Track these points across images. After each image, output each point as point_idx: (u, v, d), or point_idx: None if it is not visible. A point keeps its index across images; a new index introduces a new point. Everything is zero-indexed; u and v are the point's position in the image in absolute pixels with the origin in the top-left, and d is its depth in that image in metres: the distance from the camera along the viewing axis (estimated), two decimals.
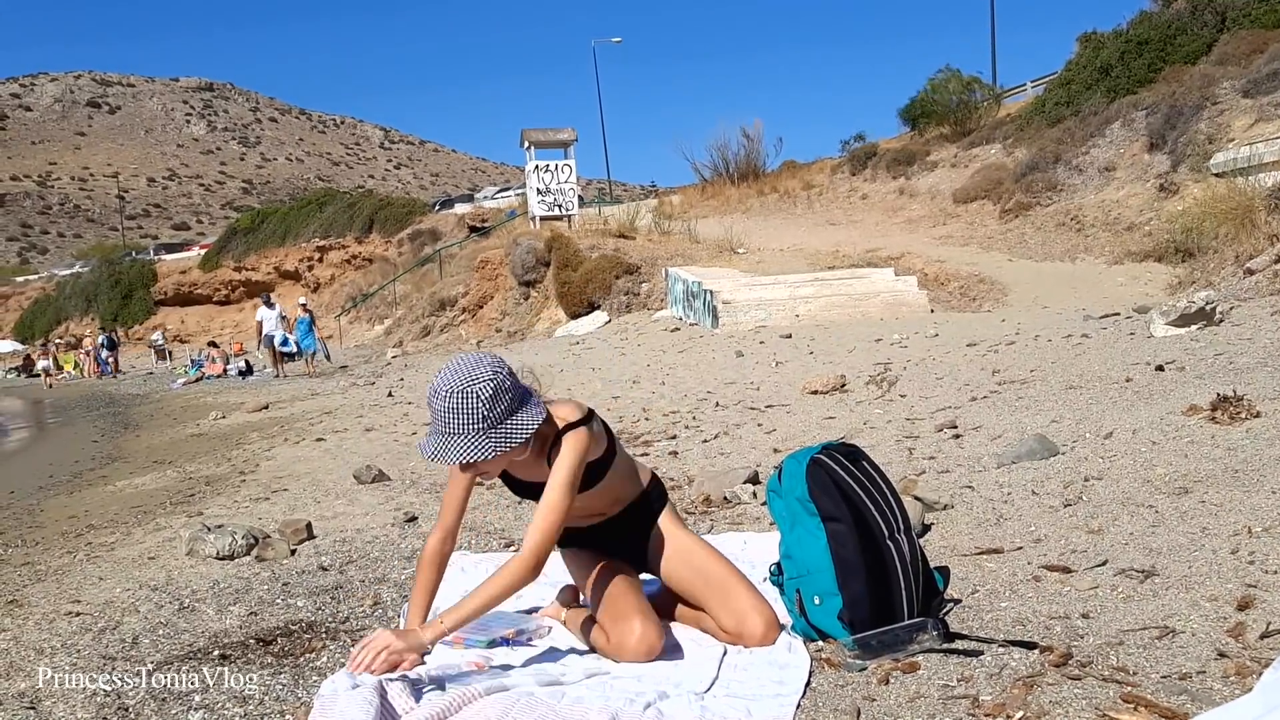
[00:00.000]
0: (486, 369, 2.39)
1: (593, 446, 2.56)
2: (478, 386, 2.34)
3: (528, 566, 2.44)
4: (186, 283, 49.03)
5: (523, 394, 2.45)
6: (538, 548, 2.44)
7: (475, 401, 2.34)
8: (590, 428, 2.55)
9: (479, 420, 2.35)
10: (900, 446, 5.00)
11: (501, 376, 2.39)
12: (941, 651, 2.38)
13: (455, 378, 2.37)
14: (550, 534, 2.47)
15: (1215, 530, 3.00)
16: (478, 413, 2.34)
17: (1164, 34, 20.74)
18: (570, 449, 2.49)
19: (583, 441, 2.51)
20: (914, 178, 23.81)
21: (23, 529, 5.92)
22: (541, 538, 2.45)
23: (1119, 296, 12.18)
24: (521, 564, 2.44)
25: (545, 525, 2.46)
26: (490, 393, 2.35)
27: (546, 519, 2.46)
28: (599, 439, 2.60)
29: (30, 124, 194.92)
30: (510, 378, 2.43)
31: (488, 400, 2.34)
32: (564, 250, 19.70)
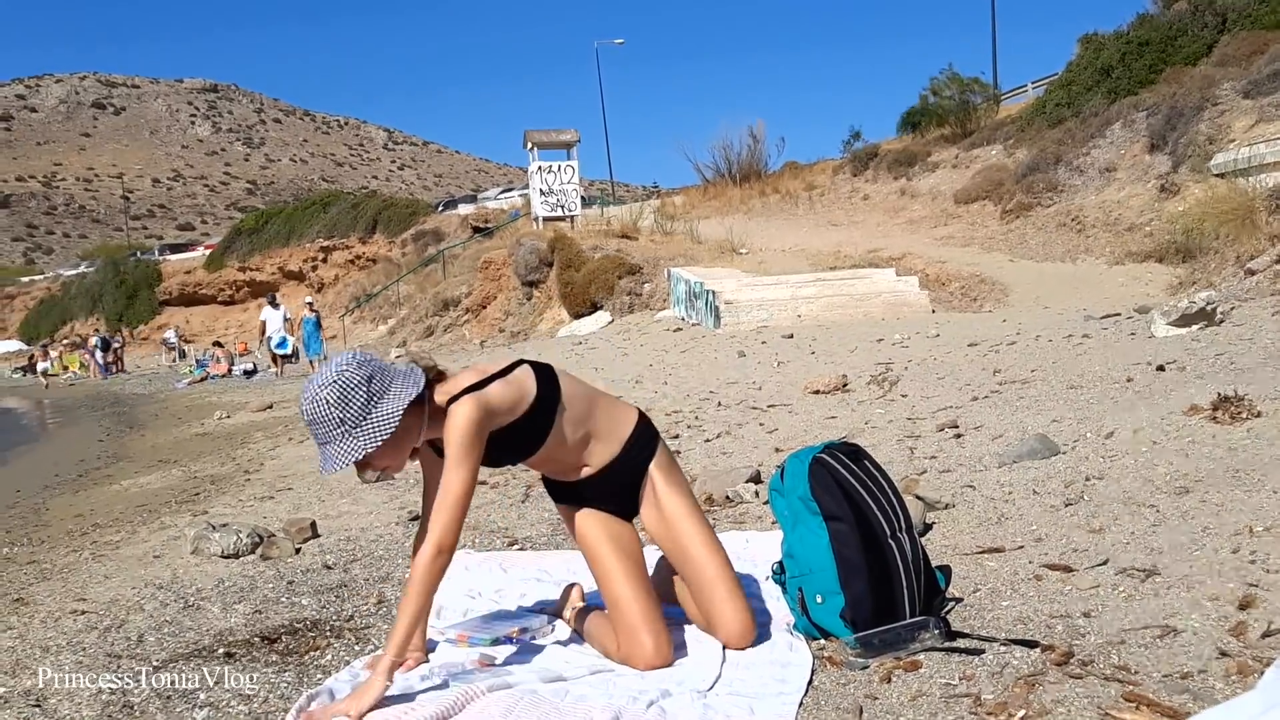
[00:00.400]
0: (332, 372, 2.34)
1: (494, 410, 2.41)
2: (323, 394, 2.31)
3: (429, 559, 2.31)
4: (191, 283, 49.06)
5: (388, 381, 2.35)
6: (439, 538, 2.32)
7: (325, 409, 2.30)
8: (485, 392, 2.41)
9: (336, 425, 2.31)
10: (902, 446, 5.01)
11: (348, 374, 2.32)
12: (943, 650, 2.39)
13: (306, 392, 2.36)
14: (450, 518, 2.33)
15: (1216, 530, 3.00)
16: (331, 418, 2.30)
17: (1165, 35, 20.73)
18: (451, 424, 2.37)
19: (467, 411, 2.36)
20: (915, 179, 23.80)
21: (29, 527, 5.94)
22: (441, 526, 2.32)
23: (1120, 297, 12.18)
24: (424, 561, 2.32)
25: (442, 509, 2.33)
26: (336, 395, 2.30)
27: (443, 502, 2.34)
28: (506, 399, 2.44)
29: (35, 125, 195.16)
30: (362, 370, 2.34)
31: (336, 403, 2.30)
32: (567, 251, 19.71)
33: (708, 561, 2.61)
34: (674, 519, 2.64)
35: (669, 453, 2.75)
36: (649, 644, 2.50)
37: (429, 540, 2.33)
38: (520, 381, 2.50)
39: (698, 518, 2.67)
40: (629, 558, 2.62)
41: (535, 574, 3.39)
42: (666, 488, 2.67)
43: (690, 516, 2.66)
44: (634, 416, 2.72)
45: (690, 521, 2.65)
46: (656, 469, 2.69)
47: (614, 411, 2.69)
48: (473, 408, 2.38)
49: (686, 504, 2.67)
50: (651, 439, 2.71)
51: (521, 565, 3.53)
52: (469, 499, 2.37)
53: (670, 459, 2.74)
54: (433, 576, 2.33)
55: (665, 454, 2.73)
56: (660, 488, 2.67)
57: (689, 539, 2.63)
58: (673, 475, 2.71)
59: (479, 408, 2.38)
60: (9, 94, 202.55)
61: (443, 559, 2.33)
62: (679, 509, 2.65)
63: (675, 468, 2.74)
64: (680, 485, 2.71)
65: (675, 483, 2.70)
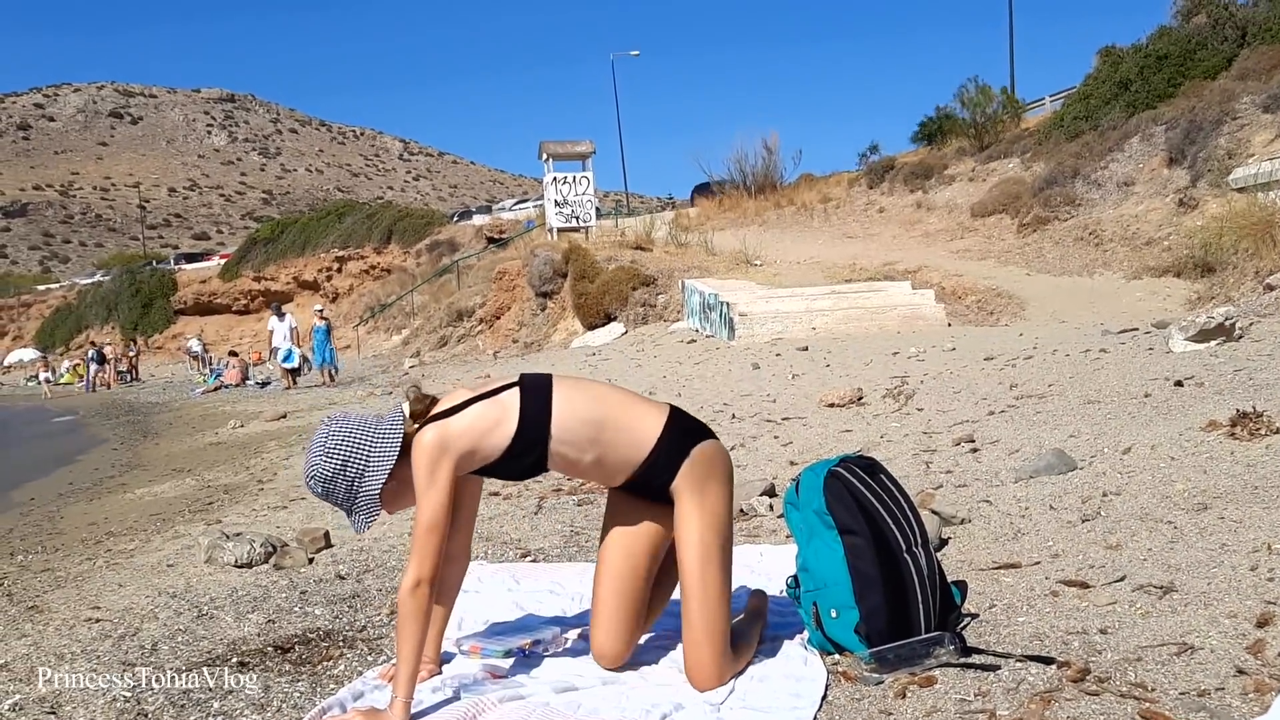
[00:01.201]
0: (311, 463, 2.44)
1: (453, 441, 2.38)
2: (314, 486, 2.45)
3: (408, 590, 2.31)
4: (206, 292, 49.34)
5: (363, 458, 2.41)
6: (415, 569, 2.31)
7: (323, 496, 2.46)
8: (449, 422, 2.39)
9: (339, 502, 2.45)
10: (917, 460, 4.99)
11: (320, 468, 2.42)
12: (958, 666, 2.38)
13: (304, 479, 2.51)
14: (422, 547, 2.32)
15: (1234, 547, 2.98)
16: (332, 500, 2.46)
17: (1184, 49, 20.68)
18: (414, 455, 2.39)
19: (426, 445, 2.36)
20: (931, 191, 23.77)
21: (43, 535, 5.97)
22: (417, 558, 2.32)
23: (1137, 311, 12.13)
24: (404, 593, 2.31)
25: (415, 542, 2.34)
26: (322, 489, 2.44)
27: (415, 534, 2.35)
28: (475, 428, 2.40)
29: (53, 134, 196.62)
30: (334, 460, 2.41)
31: (326, 495, 2.45)
32: (581, 261, 19.74)
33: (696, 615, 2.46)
34: (681, 556, 2.50)
35: (700, 464, 2.51)
36: (598, 637, 2.58)
37: (407, 573, 2.34)
38: (504, 406, 2.43)
39: (699, 564, 2.47)
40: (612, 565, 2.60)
41: (548, 586, 3.38)
42: (684, 512, 2.50)
43: (691, 561, 2.48)
44: (653, 433, 2.50)
45: (689, 568, 2.48)
46: (680, 492, 2.50)
47: (631, 433, 2.50)
48: (431, 439, 2.39)
49: (695, 541, 2.48)
50: (672, 459, 2.50)
51: (534, 577, 3.52)
52: (441, 527, 2.35)
53: (698, 475, 2.50)
54: (417, 606, 2.32)
55: (693, 468, 2.50)
56: (681, 510, 2.51)
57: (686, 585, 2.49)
58: (692, 501, 2.49)
59: (438, 438, 2.38)
60: (27, 103, 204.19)
61: (423, 589, 2.32)
62: (684, 546, 2.49)
63: (702, 486, 2.50)
64: (695, 515, 2.49)
65: (691, 510, 2.49)
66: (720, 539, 2.51)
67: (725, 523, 2.54)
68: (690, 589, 2.47)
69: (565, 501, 4.89)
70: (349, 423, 2.46)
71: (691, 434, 2.56)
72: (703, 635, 2.45)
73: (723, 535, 2.52)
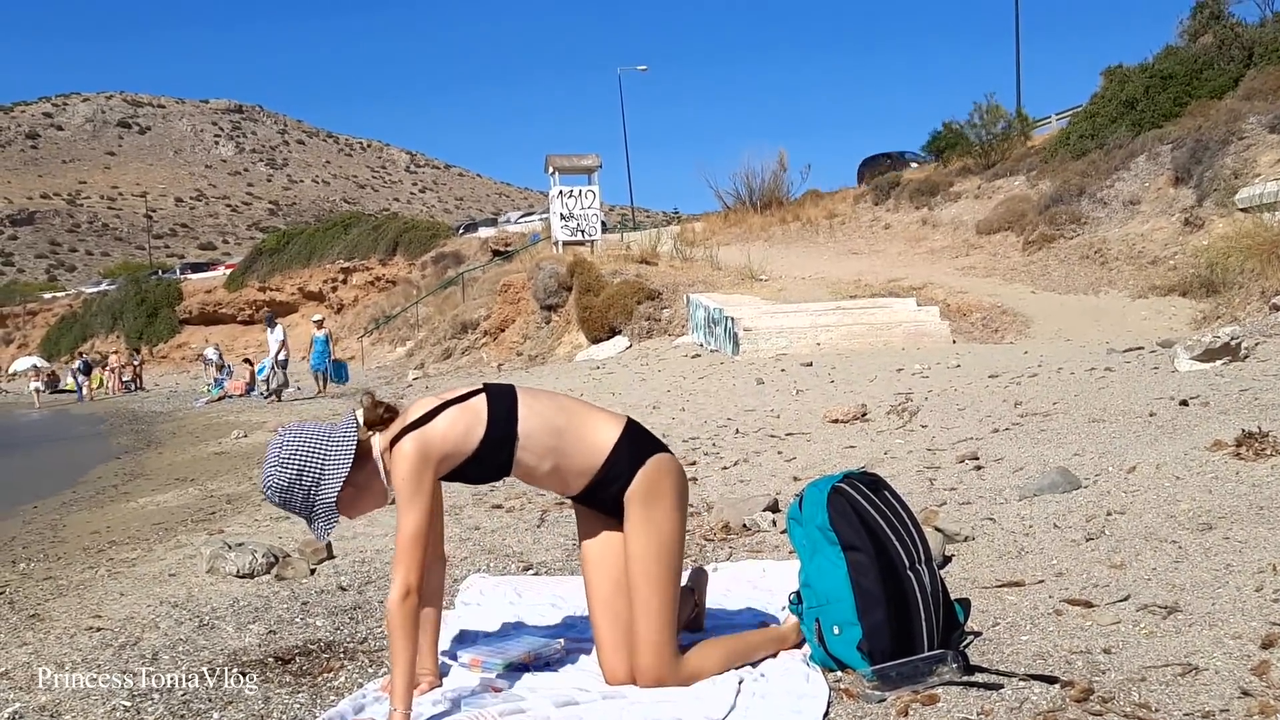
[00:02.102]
0: (265, 477, 2.47)
1: (434, 446, 2.41)
2: (273, 496, 2.47)
3: (397, 602, 2.32)
4: (211, 302, 49.43)
5: (319, 467, 2.43)
6: (403, 580, 2.33)
7: (281, 501, 2.47)
8: (428, 429, 2.41)
9: (297, 510, 2.47)
10: (921, 477, 4.98)
11: (276, 478, 2.44)
12: (961, 684, 2.37)
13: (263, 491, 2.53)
14: (408, 559, 2.34)
15: (1239, 567, 2.97)
16: (292, 509, 2.47)
17: (1190, 68, 20.71)
18: (394, 466, 2.41)
19: (407, 453, 2.38)
20: (937, 208, 23.79)
21: (45, 544, 5.97)
22: (404, 568, 2.34)
23: (1143, 330, 12.12)
24: (393, 604, 2.33)
25: (400, 553, 2.36)
26: (280, 499, 2.46)
27: (399, 545, 2.36)
28: (453, 433, 2.43)
29: (61, 143, 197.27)
30: (289, 471, 2.43)
31: (284, 504, 2.47)
32: (586, 275, 19.75)
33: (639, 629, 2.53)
34: (627, 568, 2.56)
35: (650, 477, 2.55)
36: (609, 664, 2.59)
37: (395, 585, 2.34)
38: (474, 411, 2.47)
39: (643, 578, 2.53)
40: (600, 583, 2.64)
41: (550, 600, 3.37)
42: (632, 526, 2.55)
43: (635, 575, 2.54)
44: (608, 443, 2.55)
45: (634, 581, 2.54)
46: (630, 502, 2.55)
47: (588, 442, 2.54)
48: (413, 448, 2.40)
49: (639, 555, 2.53)
50: (624, 470, 2.54)
51: (536, 590, 3.52)
52: (424, 537, 2.38)
53: (647, 489, 2.54)
54: (407, 617, 2.33)
55: (644, 481, 2.54)
56: (629, 522, 2.56)
57: (632, 593, 2.55)
58: (639, 514, 2.54)
59: (418, 446, 2.40)
60: (36, 112, 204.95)
61: (412, 599, 2.34)
62: (630, 560, 2.55)
63: (651, 499, 2.54)
64: (641, 527, 2.53)
65: (637, 523, 2.54)
66: (663, 552, 2.56)
67: (671, 537, 2.58)
68: (634, 601, 2.55)
69: (568, 515, 4.88)
70: (304, 431, 2.49)
71: (645, 446, 2.61)
72: (641, 646, 2.52)
73: (667, 551, 2.57)
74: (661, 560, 2.54)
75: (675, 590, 2.59)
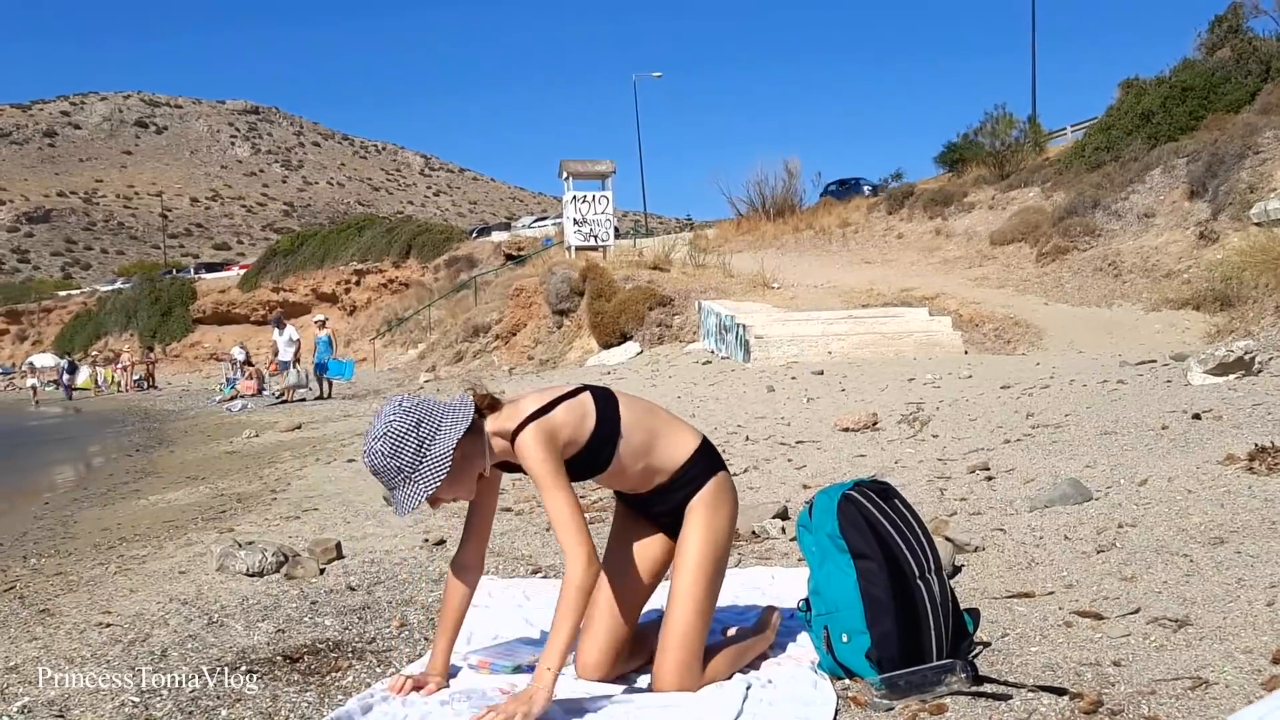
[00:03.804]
0: (382, 424, 2.41)
1: (558, 435, 2.47)
2: (377, 446, 2.39)
3: (584, 567, 2.35)
4: (225, 302, 49.62)
5: (436, 421, 2.41)
6: (576, 549, 2.36)
7: (382, 460, 2.39)
8: (550, 417, 2.47)
9: (395, 473, 2.39)
10: (932, 487, 4.97)
11: (395, 425, 2.39)
12: (970, 694, 2.36)
13: (365, 445, 2.45)
14: (575, 531, 2.38)
15: (1251, 581, 2.96)
16: (390, 468, 2.39)
17: (1207, 82, 20.67)
18: (525, 454, 2.44)
19: (535, 439, 2.43)
20: (951, 218, 23.76)
21: (56, 539, 6.00)
22: (573, 540, 2.37)
23: (1156, 343, 12.08)
24: (581, 572, 2.35)
25: (564, 531, 2.39)
26: (389, 447, 2.38)
27: (559, 522, 2.40)
28: (570, 422, 2.50)
29: (79, 142, 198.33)
30: (409, 418, 2.40)
31: (391, 454, 2.38)
32: (598, 280, 19.78)
33: (675, 619, 2.56)
34: (677, 564, 2.63)
35: (717, 489, 2.67)
36: (584, 645, 2.62)
37: (576, 556, 2.35)
38: (584, 406, 2.54)
39: (692, 574, 2.59)
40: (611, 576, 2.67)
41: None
42: (691, 529, 2.63)
43: (685, 570, 2.59)
44: (689, 450, 2.67)
45: (682, 575, 2.59)
46: (696, 507, 2.64)
47: (673, 444, 2.66)
48: (539, 434, 2.44)
49: (694, 553, 2.61)
50: (697, 476, 2.65)
51: (546, 593, 3.51)
52: (580, 511, 2.43)
53: (714, 497, 2.65)
54: (592, 583, 2.37)
55: (712, 490, 2.66)
56: (690, 525, 2.64)
57: (677, 592, 2.59)
58: (702, 517, 2.63)
59: (544, 433, 2.44)
60: (54, 110, 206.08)
61: (595, 564, 2.38)
62: (683, 556, 2.62)
63: (715, 508, 2.65)
64: (701, 531, 2.63)
65: (699, 525, 2.63)
66: (717, 558, 2.64)
67: (725, 546, 2.67)
68: (676, 596, 2.58)
69: None
70: (419, 397, 2.52)
71: (717, 461, 2.72)
72: (675, 641, 2.53)
73: (719, 556, 2.65)
74: (711, 562, 2.61)
75: (714, 596, 2.63)
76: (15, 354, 56.30)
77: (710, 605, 2.61)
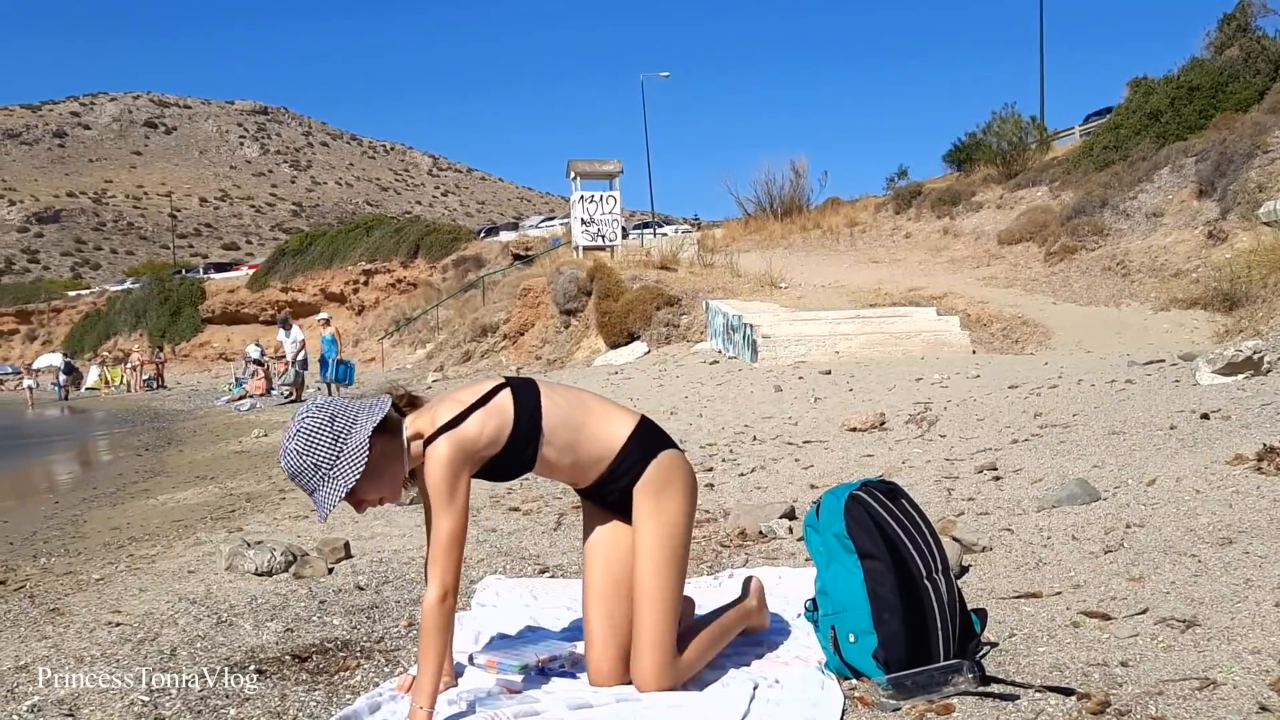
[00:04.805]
0: (295, 424, 2.37)
1: (471, 448, 2.41)
2: (292, 445, 2.35)
3: (435, 603, 2.31)
4: (234, 302, 49.75)
5: (351, 416, 2.36)
6: (441, 582, 2.32)
7: (298, 458, 2.34)
8: (463, 429, 2.40)
9: (313, 471, 2.34)
10: (939, 487, 4.97)
11: (308, 420, 2.36)
12: (977, 694, 2.36)
13: (280, 448, 2.41)
14: (447, 561, 2.33)
15: (1259, 582, 2.95)
16: (306, 466, 2.34)
17: (1215, 81, 20.60)
18: (429, 468, 2.38)
19: (444, 454, 2.37)
20: (958, 218, 23.72)
21: (66, 539, 6.02)
22: (441, 570, 2.33)
23: (1164, 343, 12.05)
24: (431, 606, 2.31)
25: (438, 555, 2.34)
26: (304, 443, 2.34)
27: (437, 547, 2.34)
28: (486, 433, 2.43)
29: (88, 142, 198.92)
30: (322, 413, 2.36)
31: (306, 450, 2.33)
32: (606, 280, 19.78)
33: (643, 623, 2.53)
34: (634, 561, 2.57)
35: (660, 471, 2.59)
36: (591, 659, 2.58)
37: (432, 586, 2.32)
38: (500, 410, 2.47)
39: (649, 571, 2.54)
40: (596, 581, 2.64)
41: (565, 603, 3.38)
42: (640, 517, 2.57)
43: (642, 568, 2.54)
44: (622, 436, 2.59)
45: (640, 575, 2.55)
46: (640, 494, 2.58)
47: (603, 434, 2.58)
48: (449, 449, 2.38)
49: (647, 547, 2.55)
50: (636, 462, 2.58)
51: (553, 593, 3.52)
52: (462, 539, 2.37)
53: (657, 481, 2.58)
54: (444, 619, 2.32)
55: (655, 473, 2.58)
56: (637, 514, 2.58)
57: (637, 590, 2.55)
58: (648, 506, 2.57)
59: (456, 448, 2.38)
60: (64, 111, 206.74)
61: (449, 601, 2.33)
62: (637, 553, 2.57)
63: (661, 492, 2.57)
64: (650, 520, 2.56)
65: (646, 514, 2.57)
66: (672, 545, 2.57)
67: (680, 530, 2.59)
68: (638, 594, 2.54)
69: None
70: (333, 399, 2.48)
71: (657, 441, 2.64)
72: (647, 646, 2.50)
73: (675, 543, 2.58)
74: (668, 552, 2.55)
75: (679, 587, 2.59)
76: (25, 354, 56.48)
77: (675, 596, 2.55)
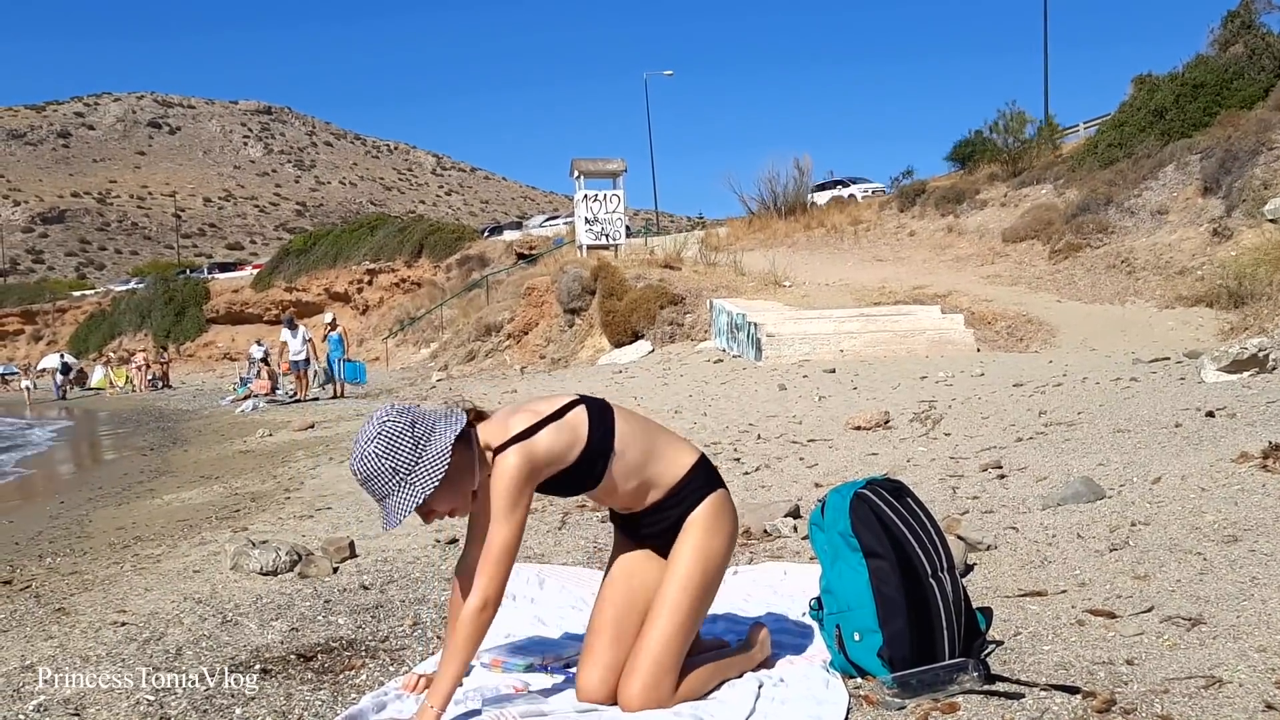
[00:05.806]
0: (374, 426, 2.31)
1: (541, 461, 2.38)
2: (370, 448, 2.28)
3: (475, 612, 2.29)
4: (238, 302, 49.77)
5: (430, 424, 2.32)
6: (485, 592, 2.30)
7: (376, 461, 2.28)
8: (534, 441, 2.37)
9: (390, 475, 2.28)
10: (944, 485, 4.96)
11: (390, 424, 2.30)
12: (982, 693, 2.36)
13: (353, 451, 2.35)
14: (496, 571, 2.31)
15: (1265, 580, 2.95)
16: (384, 470, 2.28)
17: (1220, 78, 20.56)
18: (497, 476, 2.35)
19: (514, 464, 2.34)
20: (963, 216, 23.69)
21: (72, 539, 6.03)
22: (487, 580, 2.31)
23: (1169, 341, 12.03)
24: (470, 613, 2.29)
25: (488, 564, 2.31)
26: (384, 446, 2.28)
27: (488, 556, 2.32)
28: (556, 448, 2.40)
29: (93, 142, 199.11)
30: (404, 418, 2.31)
31: (386, 454, 2.27)
32: (610, 279, 19.78)
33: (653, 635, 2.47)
34: (665, 577, 2.54)
35: (716, 507, 2.58)
36: (582, 674, 2.51)
37: (475, 593, 2.30)
38: (574, 427, 2.43)
39: (679, 589, 2.50)
40: (611, 596, 2.60)
41: (571, 601, 3.38)
42: (685, 547, 2.54)
43: (673, 584, 2.51)
44: (686, 466, 2.58)
45: (668, 589, 2.51)
46: (692, 525, 2.55)
47: (670, 460, 2.57)
48: (520, 460, 2.35)
49: (684, 570, 2.52)
50: (694, 493, 2.56)
51: (558, 592, 3.52)
52: (515, 552, 2.35)
53: (711, 517, 2.57)
54: (479, 629, 2.31)
55: (710, 508, 2.57)
56: (683, 543, 2.55)
57: (658, 606, 2.51)
58: (698, 535, 2.55)
59: (526, 460, 2.35)
60: (68, 111, 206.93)
61: (489, 612, 2.31)
62: (672, 570, 2.53)
63: (712, 527, 2.56)
64: (696, 548, 2.53)
65: (693, 543, 2.54)
66: (707, 580, 2.54)
67: (718, 567, 2.57)
68: (657, 609, 2.49)
69: (589, 518, 4.90)
70: (409, 405, 2.43)
71: (716, 478, 2.63)
72: (647, 659, 2.45)
73: (710, 580, 2.55)
74: (703, 578, 2.53)
75: (699, 615, 2.56)
76: (30, 354, 56.54)
77: (693, 626, 2.52)
